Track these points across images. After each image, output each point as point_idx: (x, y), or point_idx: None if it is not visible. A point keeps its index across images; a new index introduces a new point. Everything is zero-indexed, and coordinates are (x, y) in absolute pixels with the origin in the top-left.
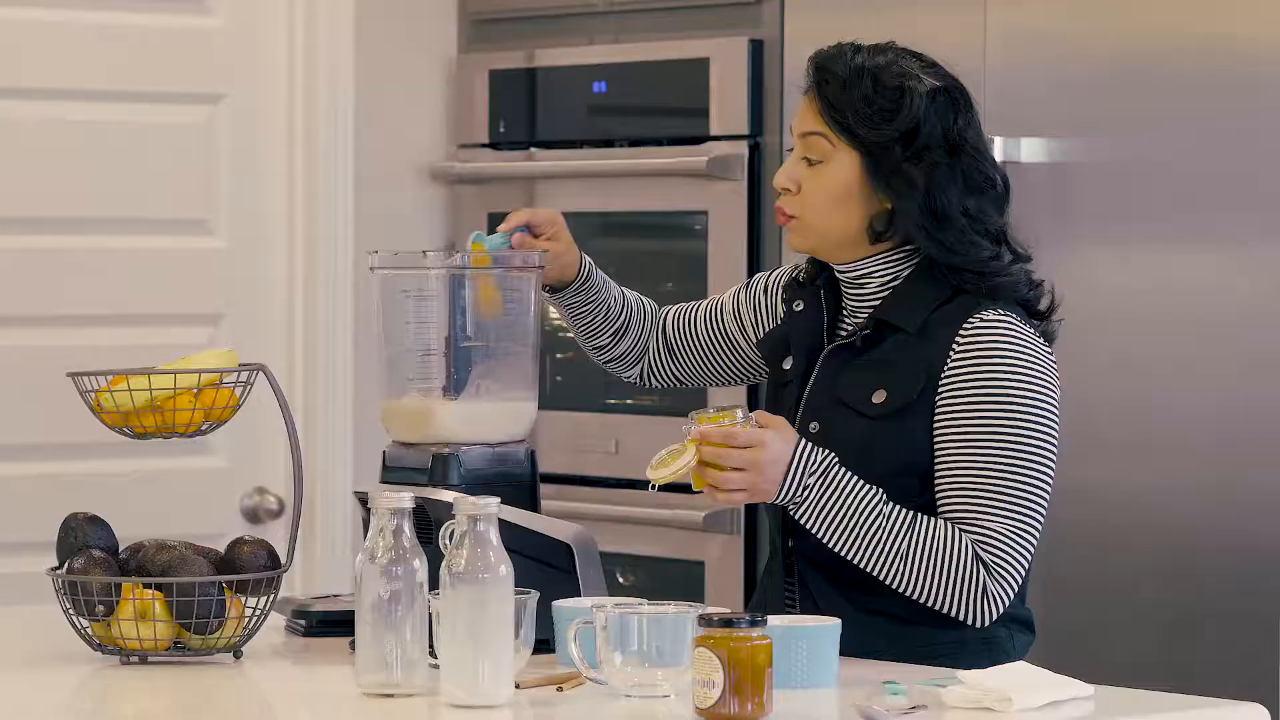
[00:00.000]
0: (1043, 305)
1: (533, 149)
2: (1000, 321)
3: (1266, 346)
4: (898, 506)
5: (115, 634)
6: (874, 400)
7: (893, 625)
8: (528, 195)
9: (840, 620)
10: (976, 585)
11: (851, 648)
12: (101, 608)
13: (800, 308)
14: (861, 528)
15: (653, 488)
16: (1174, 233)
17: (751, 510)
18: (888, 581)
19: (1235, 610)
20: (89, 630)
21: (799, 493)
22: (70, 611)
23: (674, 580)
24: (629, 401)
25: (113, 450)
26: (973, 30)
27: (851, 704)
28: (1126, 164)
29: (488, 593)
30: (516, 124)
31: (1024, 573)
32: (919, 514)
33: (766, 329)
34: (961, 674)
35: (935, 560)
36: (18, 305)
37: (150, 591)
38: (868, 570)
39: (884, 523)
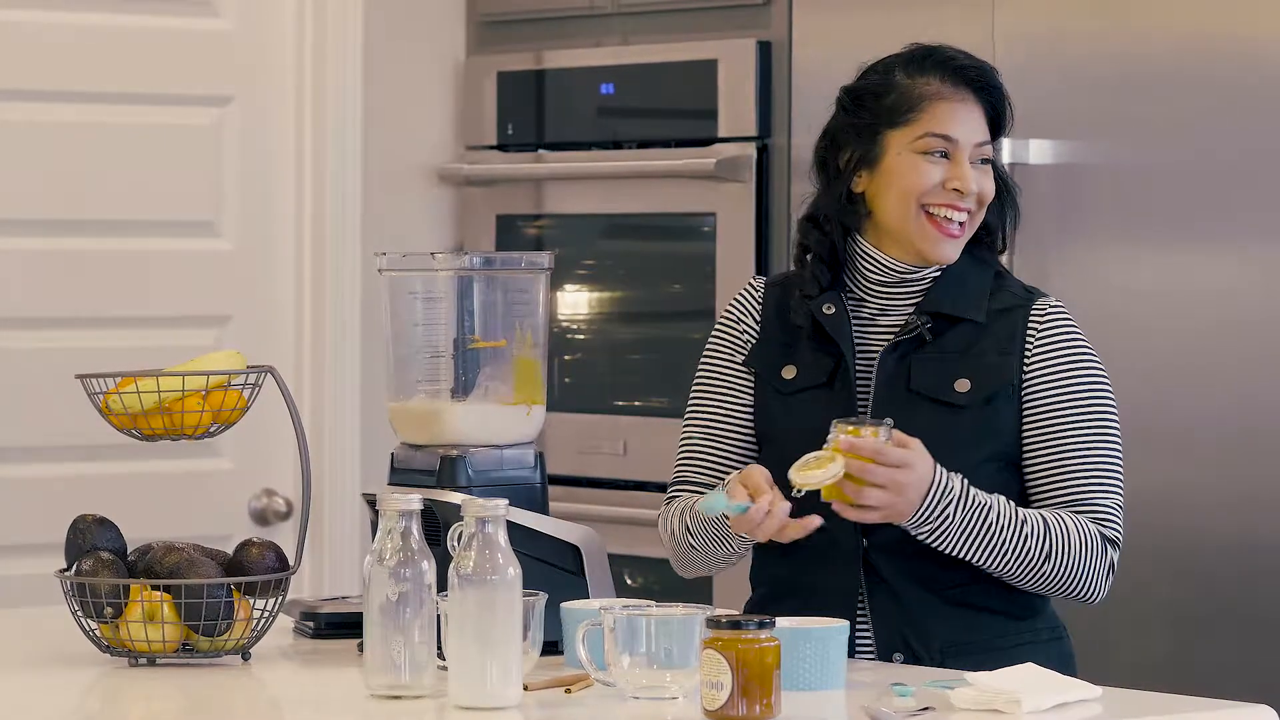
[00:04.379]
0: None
1: (541, 151)
2: (1062, 309)
3: (1274, 346)
4: (1025, 511)
5: (123, 636)
6: (958, 389)
7: (980, 616)
8: (536, 197)
9: (848, 624)
10: (1108, 563)
11: (936, 640)
12: (110, 609)
13: (832, 311)
14: (1004, 544)
15: (797, 493)
16: (1181, 233)
17: None
18: (1026, 583)
19: (1244, 612)
20: (97, 632)
21: (936, 519)
22: (79, 613)
23: (682, 582)
24: (637, 403)
25: (121, 452)
26: (980, 32)
27: (859, 705)
28: (1134, 165)
29: (496, 594)
30: (525, 126)
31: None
32: (1042, 513)
33: (748, 350)
34: (969, 675)
35: (1077, 553)
36: (26, 307)
37: (158, 593)
38: (1006, 576)
39: (1021, 529)
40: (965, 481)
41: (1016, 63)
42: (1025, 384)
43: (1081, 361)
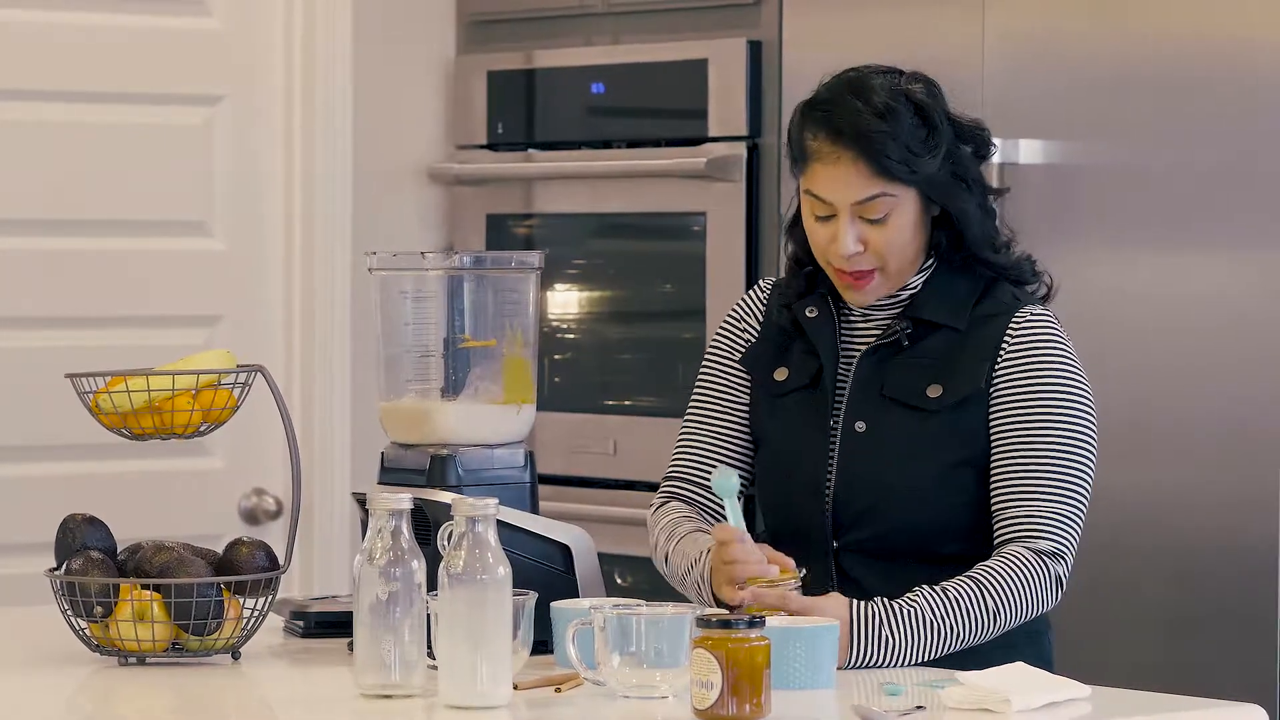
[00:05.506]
0: (1042, 291)
1: (531, 150)
2: (1045, 318)
3: (1266, 348)
4: (949, 585)
5: (113, 635)
6: (929, 395)
7: None
8: (526, 196)
9: (838, 623)
10: (1052, 579)
11: None
12: (100, 609)
13: (815, 314)
14: (951, 630)
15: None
16: (1171, 235)
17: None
18: (990, 638)
19: (1234, 611)
20: (87, 631)
21: (879, 647)
22: (68, 612)
23: None
24: (627, 403)
25: (111, 451)
26: (971, 32)
27: (850, 705)
28: (1124, 166)
29: (486, 594)
30: (515, 125)
31: (1077, 546)
32: (970, 574)
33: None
34: (960, 675)
35: (1018, 592)
36: (17, 307)
37: (148, 592)
38: (970, 646)
39: (958, 607)
40: (884, 600)
41: (1008, 63)
42: (992, 389)
43: (1050, 368)
